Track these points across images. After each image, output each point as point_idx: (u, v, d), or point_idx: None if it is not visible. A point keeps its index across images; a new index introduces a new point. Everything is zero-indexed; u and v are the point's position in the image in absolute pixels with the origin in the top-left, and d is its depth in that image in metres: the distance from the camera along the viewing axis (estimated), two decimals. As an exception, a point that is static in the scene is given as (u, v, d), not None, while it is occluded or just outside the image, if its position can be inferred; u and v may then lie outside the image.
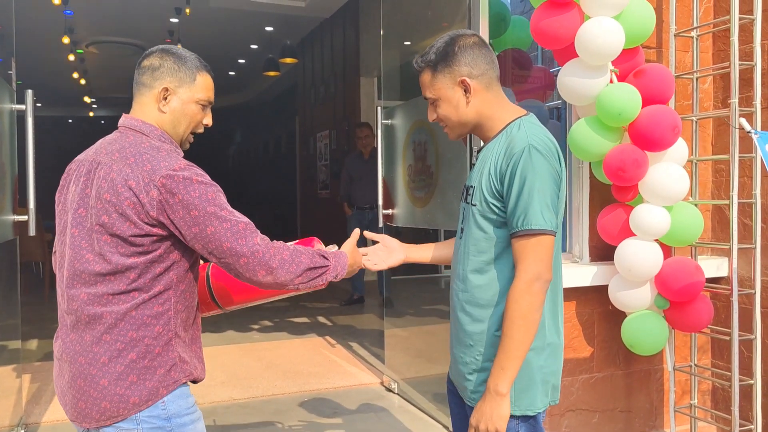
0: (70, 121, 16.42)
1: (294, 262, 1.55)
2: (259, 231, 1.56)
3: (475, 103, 1.66)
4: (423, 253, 2.03)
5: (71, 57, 9.34)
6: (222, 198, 1.54)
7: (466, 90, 1.65)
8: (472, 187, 1.69)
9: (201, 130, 1.72)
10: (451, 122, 1.70)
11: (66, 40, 8.15)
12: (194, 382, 1.66)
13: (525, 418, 1.60)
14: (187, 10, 7.45)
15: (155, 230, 1.49)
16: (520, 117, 1.68)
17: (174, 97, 1.62)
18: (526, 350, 1.54)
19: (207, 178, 1.54)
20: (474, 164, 1.76)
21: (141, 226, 1.47)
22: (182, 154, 1.65)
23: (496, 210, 1.61)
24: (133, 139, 1.58)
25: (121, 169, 1.50)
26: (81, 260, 1.53)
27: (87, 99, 13.62)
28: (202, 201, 1.49)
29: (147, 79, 1.62)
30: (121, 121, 1.64)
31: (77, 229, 1.54)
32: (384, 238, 2.04)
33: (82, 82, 10.94)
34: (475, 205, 1.65)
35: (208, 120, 1.71)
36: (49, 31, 8.46)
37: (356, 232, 1.93)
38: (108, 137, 1.63)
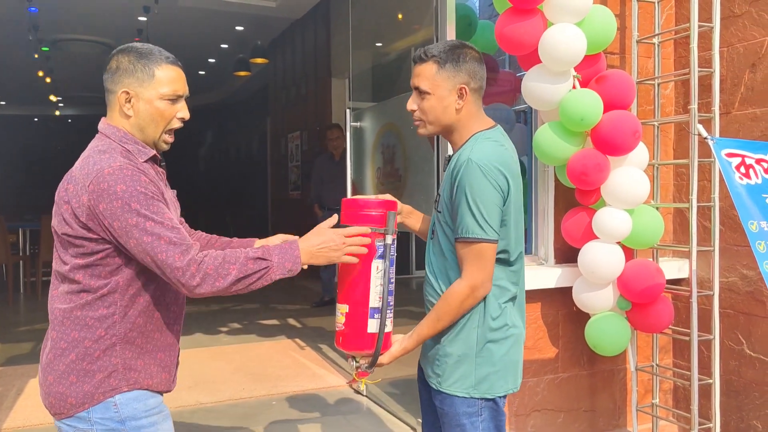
0: (36, 119, 16.08)
1: (220, 276, 1.48)
2: (184, 243, 1.48)
3: (462, 111, 1.75)
4: (413, 222, 2.01)
5: (36, 55, 9.15)
6: (149, 206, 1.47)
7: (460, 96, 1.74)
8: (439, 195, 1.81)
9: (178, 125, 1.63)
10: (429, 118, 1.77)
11: (30, 37, 7.98)
12: (154, 392, 1.62)
13: (486, 401, 1.76)
14: (156, 9, 7.35)
15: (89, 234, 1.49)
16: (483, 130, 1.78)
17: (136, 99, 1.56)
18: (440, 330, 1.73)
19: (136, 184, 1.47)
20: (445, 172, 1.84)
21: (75, 228, 1.50)
22: (150, 153, 1.60)
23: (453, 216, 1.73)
24: (96, 142, 1.58)
25: (71, 172, 1.54)
26: (54, 261, 1.58)
27: (53, 97, 13.34)
28: (124, 212, 1.45)
29: (109, 84, 1.59)
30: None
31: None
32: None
33: (48, 80, 10.73)
34: (440, 212, 1.76)
35: (183, 113, 1.61)
36: (13, 28, 8.28)
37: (333, 218, 1.73)
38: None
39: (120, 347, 1.54)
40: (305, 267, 1.61)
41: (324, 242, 1.62)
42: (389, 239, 1.70)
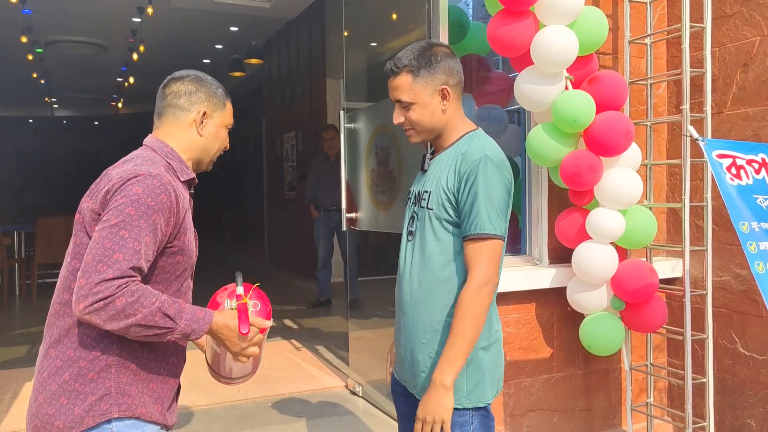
0: (30, 121, 16.05)
1: (125, 315, 1.35)
2: (134, 277, 1.38)
3: (448, 111, 1.74)
4: None
5: (30, 57, 9.13)
6: (140, 222, 1.40)
7: (444, 98, 1.73)
8: (426, 192, 1.77)
9: (219, 153, 1.79)
10: (421, 127, 1.75)
11: (24, 39, 7.96)
12: (149, 422, 1.52)
13: (477, 409, 1.72)
14: (150, 10, 7.34)
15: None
16: (472, 130, 1.78)
17: (210, 121, 1.68)
18: (472, 347, 1.64)
19: (150, 196, 1.43)
20: (426, 170, 1.82)
21: (89, 221, 1.47)
22: (191, 175, 1.64)
23: (452, 214, 1.70)
24: (141, 152, 1.60)
25: (107, 171, 1.54)
26: (63, 267, 1.54)
27: (47, 99, 13.32)
28: (117, 209, 1.41)
29: (184, 103, 1.65)
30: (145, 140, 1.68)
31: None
32: None
33: (42, 81, 10.71)
34: (431, 209, 1.72)
35: (227, 144, 1.79)
36: (7, 30, 8.26)
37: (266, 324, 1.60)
38: None
39: (116, 369, 1.47)
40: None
41: (232, 337, 1.53)
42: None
